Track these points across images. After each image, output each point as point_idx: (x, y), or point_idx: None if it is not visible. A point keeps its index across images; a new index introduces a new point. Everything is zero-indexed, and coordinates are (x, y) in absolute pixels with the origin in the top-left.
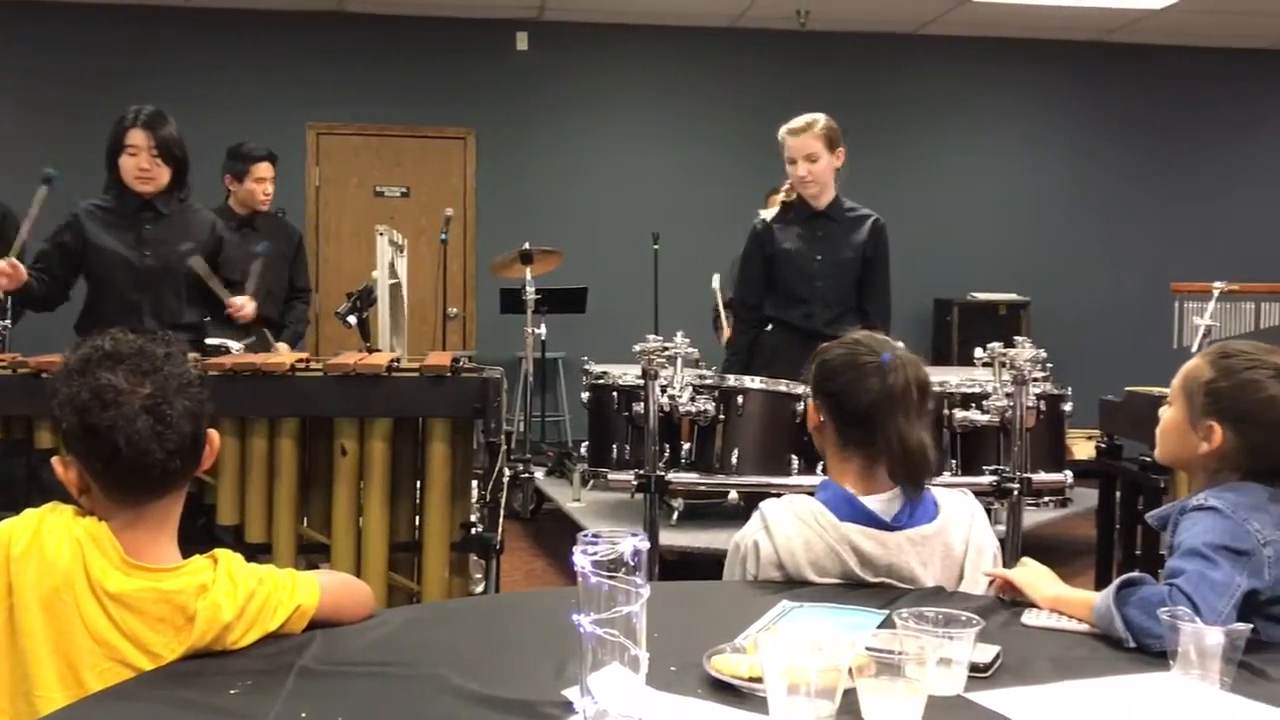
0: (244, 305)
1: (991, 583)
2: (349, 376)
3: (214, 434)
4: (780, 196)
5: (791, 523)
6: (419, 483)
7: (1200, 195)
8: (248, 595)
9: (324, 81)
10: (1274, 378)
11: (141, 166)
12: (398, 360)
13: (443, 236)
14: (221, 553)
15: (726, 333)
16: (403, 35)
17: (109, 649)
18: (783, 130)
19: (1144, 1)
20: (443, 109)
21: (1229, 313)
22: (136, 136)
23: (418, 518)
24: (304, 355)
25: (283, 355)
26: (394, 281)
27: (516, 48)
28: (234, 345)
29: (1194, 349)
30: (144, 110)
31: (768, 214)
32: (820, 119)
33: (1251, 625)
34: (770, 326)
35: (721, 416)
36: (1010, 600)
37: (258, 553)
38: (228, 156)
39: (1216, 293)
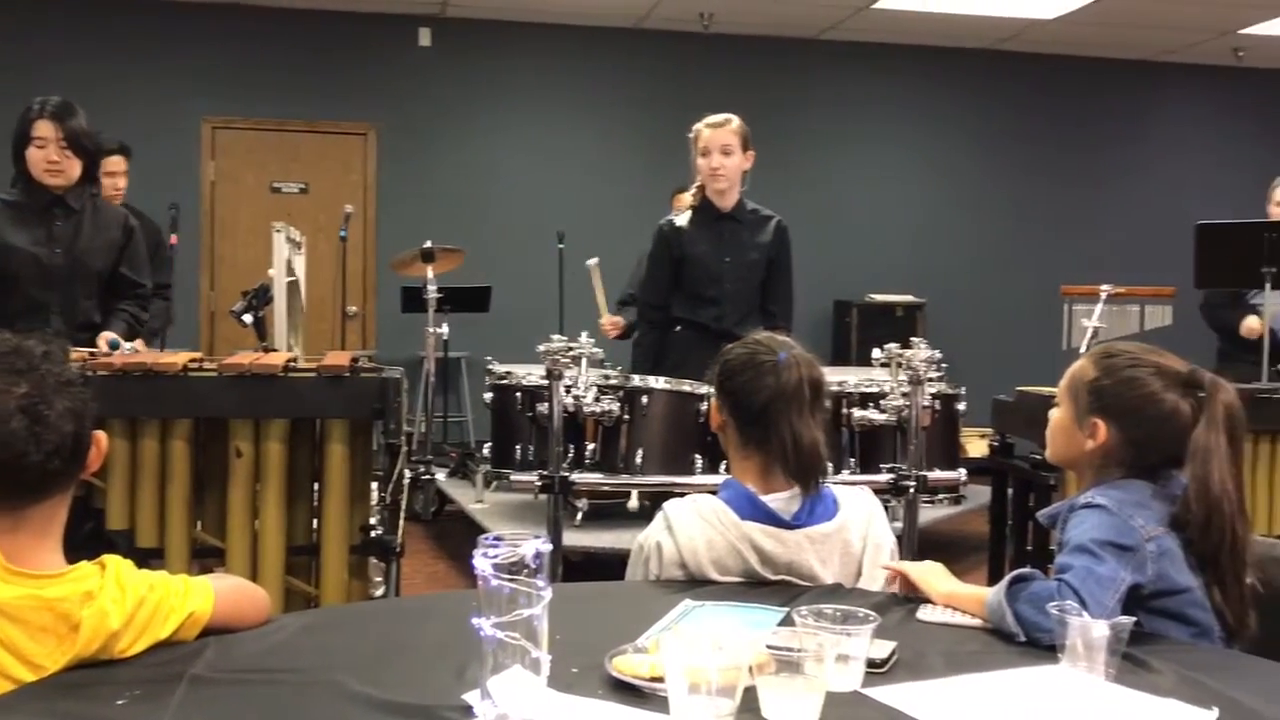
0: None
1: (889, 578)
2: (244, 377)
3: (101, 435)
4: (687, 196)
5: (694, 522)
6: (317, 485)
7: (1089, 200)
8: (137, 602)
9: (220, 74)
10: (1154, 375)
11: (50, 159)
12: (294, 360)
13: (342, 234)
14: (110, 558)
15: (606, 322)
16: (302, 29)
17: None
18: (699, 124)
19: (1034, 12)
20: (343, 104)
21: (1115, 315)
22: (44, 128)
23: (315, 520)
24: (197, 355)
25: (175, 355)
26: (291, 279)
27: (419, 44)
28: (125, 344)
29: (1082, 349)
30: (50, 101)
31: (681, 219)
32: (735, 118)
33: (1135, 618)
34: (679, 328)
35: (626, 417)
36: (906, 597)
37: (149, 558)
38: None
39: (1104, 295)
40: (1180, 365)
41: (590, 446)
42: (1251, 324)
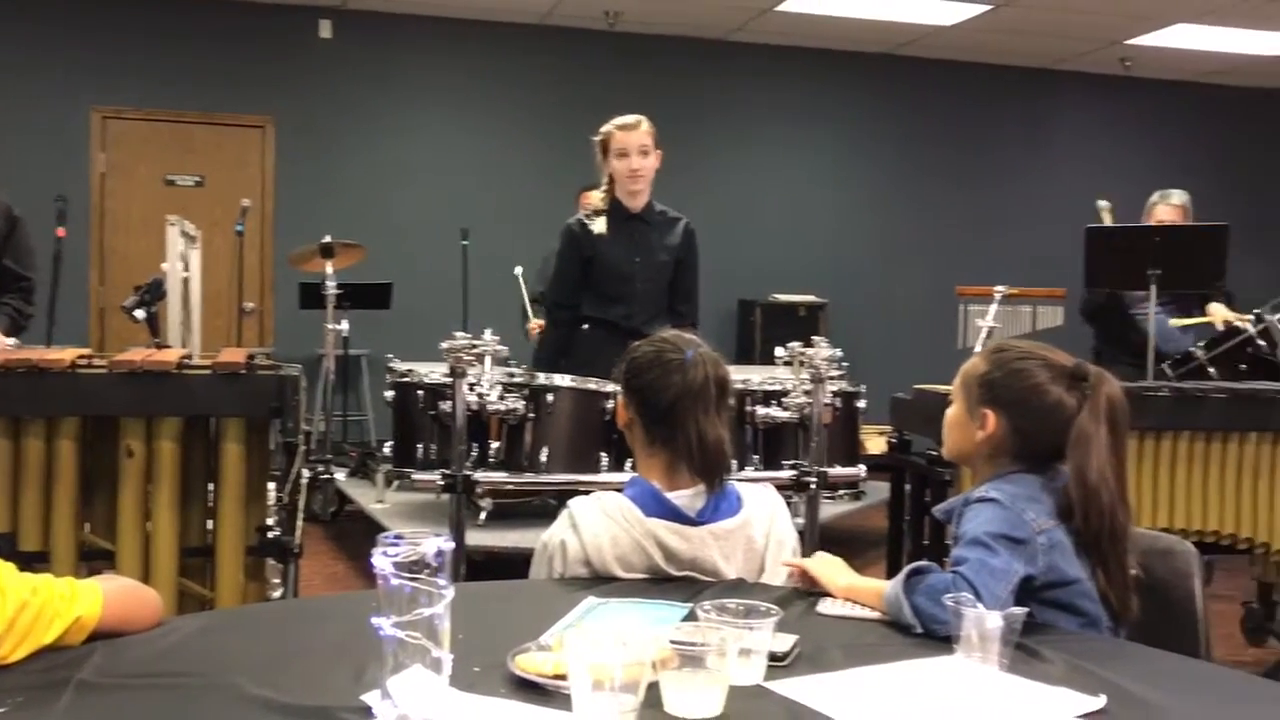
0: None
1: (790, 574)
2: (135, 374)
3: None
4: (597, 195)
5: (599, 519)
6: (212, 485)
7: (985, 203)
8: (18, 607)
9: (111, 63)
10: (1042, 368)
11: None
12: (189, 356)
13: (239, 228)
14: None
15: (533, 325)
16: (199, 18)
17: None
18: (610, 126)
19: (933, 18)
20: (241, 96)
21: (1009, 315)
22: None
23: (210, 521)
24: (85, 351)
25: (62, 351)
26: (185, 274)
27: (320, 35)
28: (6, 340)
29: (976, 348)
30: None
31: (596, 225)
32: (644, 119)
33: (1027, 609)
34: (587, 325)
35: (531, 415)
36: (808, 590)
37: (34, 561)
38: None
39: (998, 296)
40: (1067, 360)
41: (494, 445)
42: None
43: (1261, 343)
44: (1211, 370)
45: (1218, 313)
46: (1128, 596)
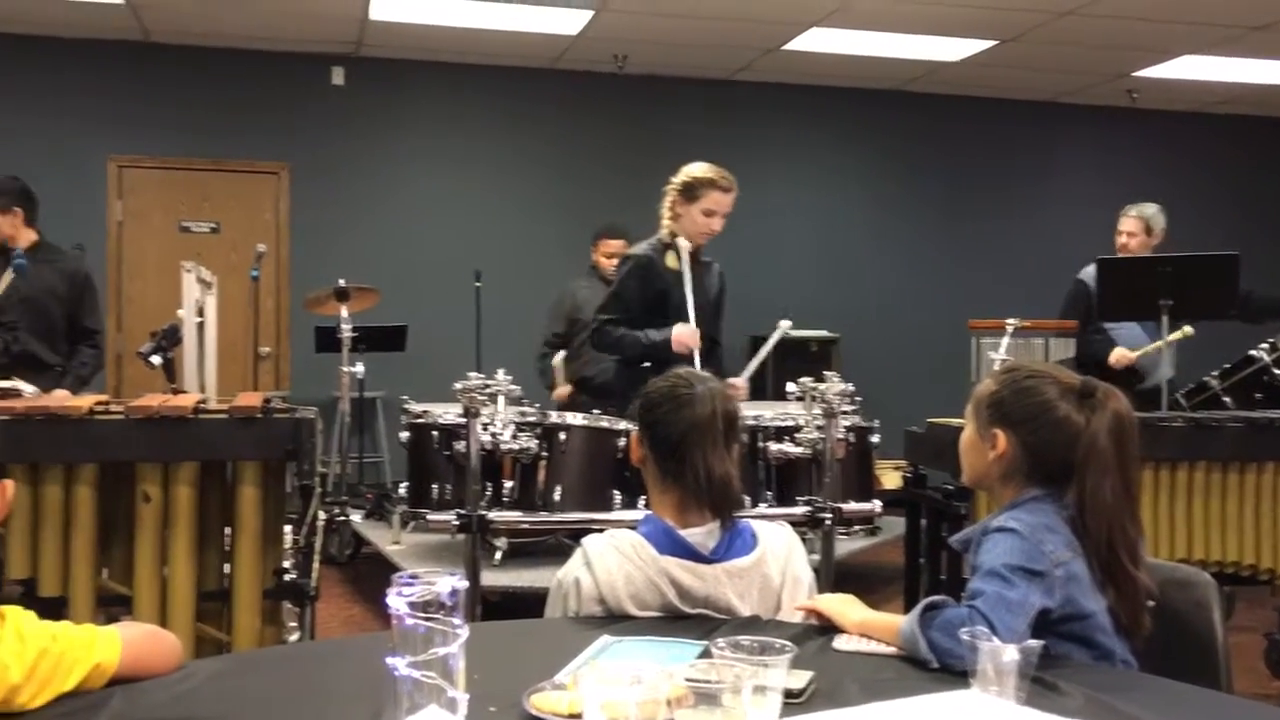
0: None
1: (805, 618)
2: (152, 419)
3: (8, 483)
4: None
5: (612, 557)
6: (228, 529)
7: (995, 236)
8: (39, 654)
9: (126, 113)
10: (1050, 385)
11: None
12: (205, 401)
13: (254, 273)
14: (9, 609)
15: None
16: (212, 67)
17: None
18: (709, 175)
19: (939, 55)
20: (255, 143)
21: (1021, 348)
22: None
23: (227, 565)
24: (103, 397)
25: (80, 398)
26: (200, 320)
27: (332, 82)
28: (26, 388)
29: None
30: None
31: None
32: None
33: (1043, 642)
34: (650, 364)
35: (544, 453)
36: (822, 627)
37: (53, 607)
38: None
39: (1010, 329)
40: (1075, 378)
41: (508, 484)
42: (1120, 354)
43: (1277, 371)
44: (1227, 399)
45: None
46: (1140, 613)
